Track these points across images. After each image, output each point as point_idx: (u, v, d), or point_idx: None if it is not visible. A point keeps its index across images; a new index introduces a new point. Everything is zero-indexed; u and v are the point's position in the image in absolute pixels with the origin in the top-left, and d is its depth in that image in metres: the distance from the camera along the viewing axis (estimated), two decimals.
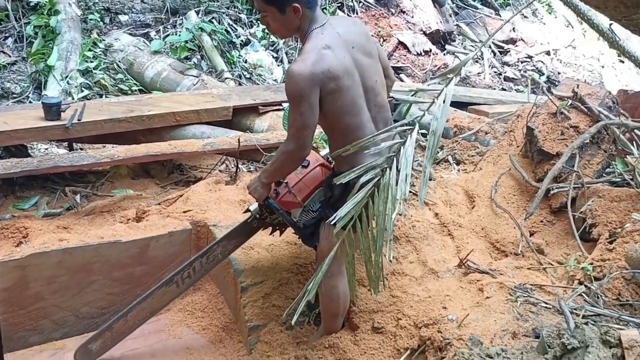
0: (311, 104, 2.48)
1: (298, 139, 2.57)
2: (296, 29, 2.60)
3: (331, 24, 2.58)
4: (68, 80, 5.65)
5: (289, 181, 2.86)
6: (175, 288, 3.10)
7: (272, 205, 2.85)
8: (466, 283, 3.05)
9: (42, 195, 4.26)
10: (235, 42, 7.20)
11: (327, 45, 2.50)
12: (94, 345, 3.06)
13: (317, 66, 2.45)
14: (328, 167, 2.95)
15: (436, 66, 8.09)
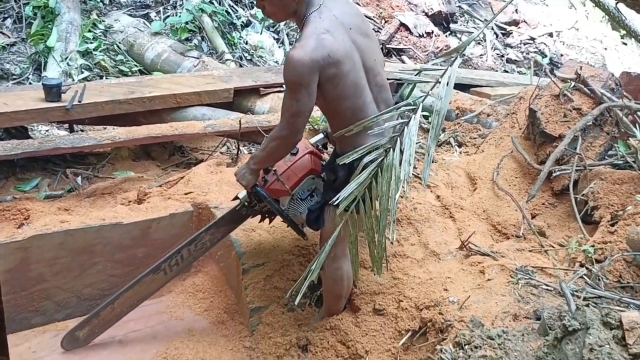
0: (309, 90, 2.46)
1: (292, 125, 2.55)
2: (292, 12, 2.57)
3: (327, 7, 2.55)
4: (68, 61, 5.61)
5: (277, 169, 2.84)
6: (163, 275, 3.08)
7: (260, 193, 2.81)
8: (467, 265, 3.06)
9: (43, 177, 4.26)
10: (235, 23, 7.15)
11: (326, 29, 2.47)
12: (80, 333, 3.05)
13: (317, 52, 2.42)
14: (318, 154, 2.93)
15: (438, 48, 8.03)
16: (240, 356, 3.08)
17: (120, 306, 3.06)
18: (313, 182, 2.89)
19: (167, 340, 3.16)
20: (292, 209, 2.89)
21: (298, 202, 2.88)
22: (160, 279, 3.09)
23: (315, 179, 2.89)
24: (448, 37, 8.51)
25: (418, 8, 8.50)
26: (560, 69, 4.18)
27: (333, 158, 2.77)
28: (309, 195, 2.89)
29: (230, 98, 5.12)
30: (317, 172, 2.89)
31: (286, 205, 2.87)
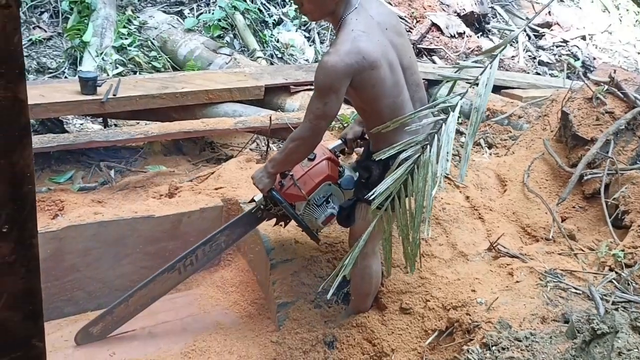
0: (338, 95, 2.48)
1: (315, 127, 2.56)
2: (330, 12, 2.56)
3: (363, 7, 2.55)
4: (103, 56, 5.71)
5: (294, 173, 2.83)
6: (177, 275, 3.09)
7: (276, 198, 2.81)
8: (496, 267, 3.05)
9: (77, 169, 4.35)
10: (267, 21, 7.19)
11: (362, 30, 2.47)
12: (94, 329, 3.08)
13: (350, 57, 2.42)
14: (335, 161, 2.93)
15: (470, 49, 7.99)
16: (267, 350, 3.12)
17: (134, 304, 3.09)
18: (329, 189, 2.88)
19: (195, 333, 3.21)
20: (307, 214, 2.88)
21: (313, 208, 2.87)
22: (174, 278, 3.10)
23: (332, 185, 2.88)
24: (480, 38, 8.45)
25: (450, 8, 8.46)
26: (593, 72, 4.14)
27: (366, 156, 2.78)
28: (324, 201, 2.87)
29: (261, 95, 5.17)
30: (334, 179, 2.89)
31: (302, 210, 2.87)
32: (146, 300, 3.10)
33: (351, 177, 2.93)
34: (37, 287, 1.29)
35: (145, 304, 3.12)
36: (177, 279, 3.12)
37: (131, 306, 3.09)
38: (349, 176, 2.93)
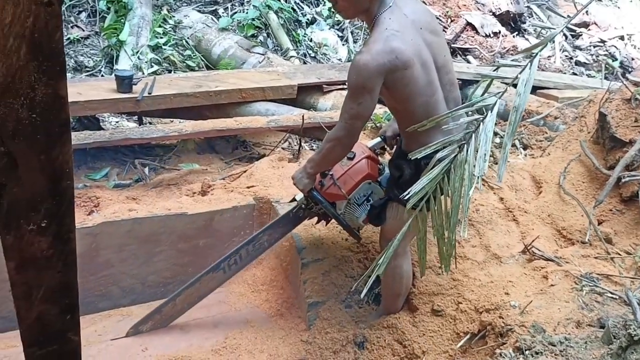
0: (372, 95, 2.47)
1: (350, 127, 2.55)
2: (364, 10, 2.54)
3: (398, 5, 2.53)
4: (139, 55, 5.78)
5: (334, 173, 2.83)
6: (222, 274, 3.14)
7: (316, 197, 2.82)
8: (530, 270, 3.01)
9: (112, 166, 4.41)
10: (301, 20, 7.21)
11: (395, 29, 2.45)
12: (144, 327, 3.16)
13: (383, 56, 2.40)
14: (375, 159, 2.92)
15: (505, 48, 7.89)
16: (297, 349, 3.12)
17: (182, 303, 3.16)
18: (370, 187, 2.87)
19: (226, 330, 3.23)
20: (348, 213, 2.88)
21: (354, 207, 2.87)
22: (219, 277, 3.15)
23: (372, 183, 2.87)
24: (515, 37, 8.34)
25: (485, 7, 8.37)
26: (632, 73, 4.05)
27: (397, 155, 2.77)
28: (365, 199, 2.86)
29: (294, 94, 5.18)
30: (374, 177, 2.88)
31: (342, 209, 2.86)
32: (193, 299, 3.17)
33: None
34: (74, 282, 1.31)
35: (192, 303, 3.18)
36: (222, 278, 3.16)
37: (178, 305, 3.16)
38: (388, 174, 2.91)
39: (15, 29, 0.84)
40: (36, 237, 1.15)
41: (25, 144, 0.98)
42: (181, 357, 2.96)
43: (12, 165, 1.00)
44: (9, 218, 1.09)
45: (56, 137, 0.99)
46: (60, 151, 1.02)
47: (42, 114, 0.95)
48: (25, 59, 0.88)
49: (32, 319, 1.30)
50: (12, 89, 0.91)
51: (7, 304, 3.02)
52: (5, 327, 3.07)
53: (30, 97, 0.92)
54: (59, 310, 1.33)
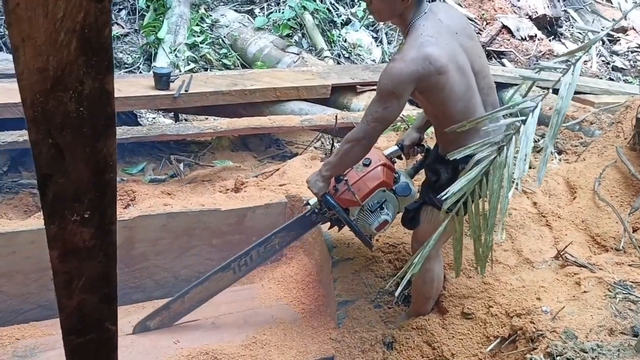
0: (400, 101, 2.46)
1: (371, 129, 2.54)
2: (398, 14, 2.54)
3: (432, 12, 2.53)
4: (176, 53, 5.87)
5: (349, 178, 2.82)
6: (232, 274, 3.12)
7: (330, 202, 2.80)
8: (562, 275, 2.98)
9: (148, 161, 4.49)
10: (336, 21, 7.23)
11: (430, 35, 2.44)
12: (151, 323, 3.16)
13: (416, 63, 2.39)
14: (391, 167, 2.90)
15: (541, 52, 7.80)
16: (325, 347, 3.14)
17: (190, 300, 3.15)
18: (384, 195, 2.85)
19: (256, 326, 3.26)
20: (361, 219, 2.86)
21: (367, 214, 2.84)
22: (228, 277, 3.13)
23: (387, 191, 2.85)
24: (552, 41, 8.24)
25: (522, 11, 8.28)
26: None
27: (433, 160, 2.75)
28: (378, 207, 2.84)
29: (328, 94, 5.20)
30: (389, 185, 2.86)
31: (355, 215, 2.84)
32: (201, 298, 3.16)
33: (407, 183, 2.90)
34: (113, 272, 1.34)
35: (201, 301, 3.17)
36: (231, 278, 3.15)
37: (187, 302, 3.15)
38: (404, 183, 2.90)
39: (66, 24, 0.87)
40: (79, 227, 1.17)
41: (72, 136, 1.01)
42: (212, 351, 2.99)
43: (59, 157, 1.03)
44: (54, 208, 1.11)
45: (102, 130, 1.02)
46: (105, 144, 1.05)
47: (89, 108, 0.97)
48: (75, 53, 0.90)
49: (72, 307, 1.33)
50: (61, 83, 0.93)
51: (45, 293, 3.12)
52: (42, 315, 3.15)
53: (78, 91, 0.95)
54: (98, 300, 1.36)
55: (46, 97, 0.94)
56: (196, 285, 3.12)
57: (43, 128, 0.98)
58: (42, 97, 0.94)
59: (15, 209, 3.78)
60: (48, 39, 0.88)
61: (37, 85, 0.92)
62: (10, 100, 4.00)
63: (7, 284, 3.07)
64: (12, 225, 3.10)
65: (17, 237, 3.00)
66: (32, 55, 0.89)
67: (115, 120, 1.04)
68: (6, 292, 3.08)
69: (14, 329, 3.10)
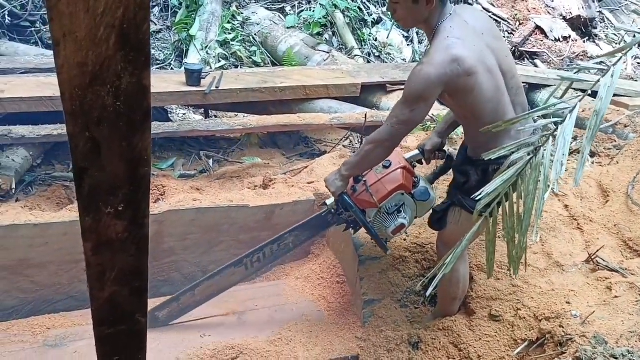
0: (427, 104, 2.45)
1: (395, 131, 2.52)
2: (423, 20, 2.53)
3: (457, 14, 2.52)
4: (207, 50, 5.91)
5: (367, 179, 2.80)
6: (244, 270, 3.11)
7: (347, 203, 2.78)
8: (593, 280, 2.94)
9: (178, 157, 4.53)
10: (366, 20, 7.21)
11: (457, 37, 2.42)
12: (160, 313, 3.17)
13: (444, 66, 2.38)
14: (410, 170, 2.87)
15: (574, 53, 7.69)
16: (351, 346, 3.14)
17: (200, 294, 3.14)
18: (402, 198, 2.83)
19: (282, 322, 3.28)
20: (377, 222, 2.84)
21: (384, 216, 2.82)
22: (240, 273, 3.12)
23: (405, 194, 2.83)
24: (586, 42, 8.11)
25: (556, 11, 8.17)
26: None
27: (462, 161, 2.73)
28: (396, 210, 2.82)
29: (357, 93, 5.19)
30: (408, 189, 2.84)
31: (372, 217, 2.83)
32: (212, 292, 3.15)
33: (426, 188, 2.88)
34: (145, 265, 1.35)
35: (211, 295, 3.16)
36: (243, 274, 3.14)
37: (197, 296, 3.15)
38: (423, 187, 2.88)
39: (106, 19, 0.88)
40: (113, 220, 1.18)
41: (109, 130, 1.02)
42: (237, 346, 3.01)
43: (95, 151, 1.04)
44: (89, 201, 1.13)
45: (138, 125, 1.03)
46: (141, 138, 1.06)
47: (126, 102, 0.99)
48: (114, 48, 0.92)
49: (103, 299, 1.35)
50: (99, 77, 0.95)
51: (76, 284, 3.17)
52: (73, 306, 3.21)
53: (116, 86, 0.96)
54: (129, 292, 1.37)
55: (84, 91, 0.95)
56: (207, 279, 3.11)
57: (80, 122, 0.99)
58: (80, 91, 0.95)
59: (48, 201, 3.85)
60: (88, 34, 0.89)
61: (76, 79, 0.93)
62: (45, 94, 4.06)
63: (39, 275, 3.13)
64: (46, 217, 3.16)
65: (50, 228, 3.06)
66: (73, 50, 0.90)
67: (151, 115, 1.05)
68: (39, 282, 3.14)
69: (45, 318, 3.16)
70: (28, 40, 5.71)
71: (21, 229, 3.02)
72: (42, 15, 5.87)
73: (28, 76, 4.45)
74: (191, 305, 3.20)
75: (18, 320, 3.13)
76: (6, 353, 2.90)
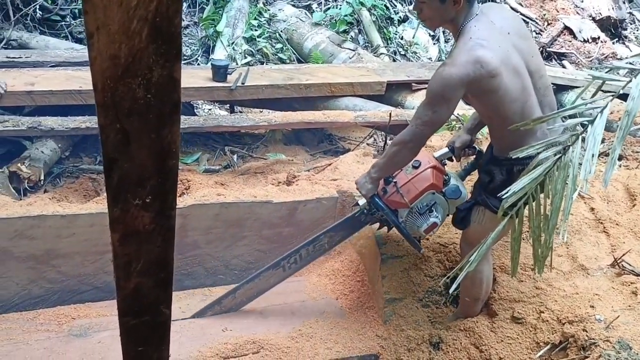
0: (450, 105, 2.45)
1: (420, 132, 2.52)
2: (449, 20, 2.52)
3: (484, 13, 2.50)
4: (234, 46, 5.94)
5: (398, 180, 2.81)
6: (282, 272, 3.17)
7: (378, 204, 2.80)
8: (618, 284, 2.90)
9: (203, 152, 4.57)
10: (393, 18, 7.19)
11: (481, 38, 2.41)
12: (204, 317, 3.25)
13: (467, 67, 2.37)
14: (440, 169, 2.87)
15: (603, 54, 7.58)
16: (371, 344, 3.14)
17: (241, 296, 3.24)
18: (433, 198, 2.83)
19: (303, 318, 3.29)
20: (409, 222, 2.84)
21: (416, 216, 2.83)
22: (278, 275, 3.19)
23: (436, 194, 2.83)
24: (615, 44, 8.00)
25: (585, 12, 8.06)
26: None
27: (488, 161, 2.71)
28: (427, 210, 2.82)
29: (382, 91, 5.18)
30: (438, 188, 2.83)
31: (404, 217, 2.83)
32: (252, 294, 3.24)
33: (457, 186, 2.88)
34: (170, 257, 1.36)
35: (251, 297, 3.25)
36: (281, 275, 3.20)
37: (238, 298, 3.24)
38: (454, 185, 2.88)
39: (139, 12, 0.89)
40: (140, 211, 1.19)
41: (139, 122, 1.03)
42: (259, 340, 3.03)
43: (125, 142, 1.06)
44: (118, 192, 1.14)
45: (167, 117, 1.04)
46: (170, 131, 1.07)
47: (157, 95, 0.99)
48: (146, 41, 0.93)
49: (129, 289, 1.36)
50: (131, 70, 0.96)
51: (101, 275, 3.21)
52: (98, 296, 3.25)
53: (147, 78, 0.97)
54: (154, 284, 1.38)
55: (116, 83, 0.96)
56: (247, 282, 3.19)
57: (111, 113, 1.01)
58: (112, 83, 0.96)
59: (75, 193, 3.90)
60: (121, 26, 0.90)
61: (108, 71, 0.94)
62: (74, 87, 4.12)
63: (65, 265, 3.18)
64: (73, 209, 3.21)
65: (77, 219, 3.10)
66: (106, 42, 0.91)
67: (180, 108, 1.06)
68: (65, 272, 3.19)
69: (71, 308, 3.21)
70: (58, 34, 5.79)
71: (49, 220, 3.07)
72: (72, 10, 5.95)
73: (58, 69, 4.51)
74: (232, 308, 3.28)
75: (44, 310, 3.18)
76: (32, 341, 2.95)
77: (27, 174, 3.72)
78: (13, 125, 3.79)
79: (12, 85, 3.97)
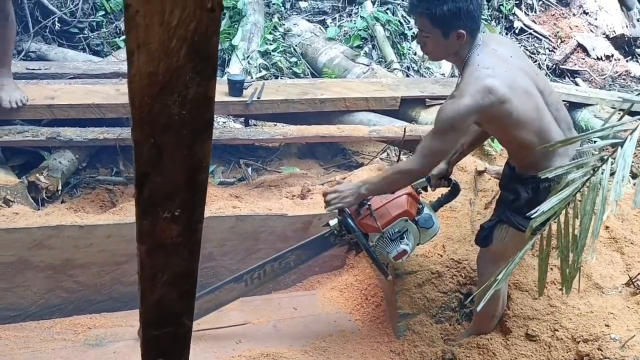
0: (459, 134, 2.49)
1: (427, 162, 2.56)
2: (453, 53, 2.56)
3: (485, 42, 2.55)
4: (249, 60, 5.98)
5: (372, 204, 2.80)
6: (244, 286, 3.10)
7: (350, 225, 2.79)
8: (634, 303, 2.90)
9: (218, 164, 4.60)
10: (407, 33, 7.22)
11: (487, 66, 2.45)
12: None
13: (476, 97, 2.40)
14: (415, 197, 2.88)
15: (617, 72, 7.58)
16: (384, 359, 3.14)
17: (199, 308, 3.05)
18: (405, 225, 2.84)
19: (316, 332, 3.30)
20: (379, 247, 2.85)
21: (387, 242, 2.83)
22: (239, 289, 3.12)
23: (408, 221, 2.84)
24: (629, 62, 8.00)
25: (599, 30, 8.07)
26: None
27: (509, 179, 2.73)
28: (399, 236, 2.83)
29: (397, 106, 5.19)
30: (412, 215, 2.84)
31: (374, 241, 2.83)
32: (210, 306, 3.14)
33: (430, 215, 2.90)
34: (195, 270, 1.38)
35: (209, 310, 3.14)
36: (242, 290, 3.13)
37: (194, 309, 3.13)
38: (427, 215, 2.90)
39: (179, 32, 0.92)
40: (169, 224, 1.21)
41: (173, 138, 1.06)
42: (272, 354, 3.04)
43: (159, 157, 1.08)
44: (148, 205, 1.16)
45: (200, 133, 1.07)
46: (201, 147, 1.09)
47: (191, 112, 1.02)
48: (184, 59, 0.95)
49: (153, 300, 1.38)
50: (168, 87, 0.98)
51: (117, 285, 3.23)
52: (114, 307, 3.27)
53: (183, 95, 1.00)
54: (179, 295, 1.40)
55: (153, 99, 0.99)
56: (207, 294, 3.11)
57: (147, 128, 1.03)
58: (149, 100, 0.99)
59: (92, 204, 3.94)
60: (161, 45, 0.93)
61: (146, 88, 0.97)
62: (92, 101, 4.17)
63: (82, 275, 3.21)
64: (91, 219, 3.24)
65: (94, 230, 3.14)
66: (145, 60, 0.94)
67: (213, 125, 1.09)
68: (81, 282, 3.22)
69: (87, 318, 3.24)
70: (76, 46, 5.85)
71: (67, 230, 3.10)
72: (90, 22, 6.03)
73: (77, 82, 4.56)
74: None
75: (61, 319, 3.21)
76: (49, 350, 2.98)
77: (45, 184, 3.76)
78: (32, 136, 3.84)
79: (33, 99, 4.02)
